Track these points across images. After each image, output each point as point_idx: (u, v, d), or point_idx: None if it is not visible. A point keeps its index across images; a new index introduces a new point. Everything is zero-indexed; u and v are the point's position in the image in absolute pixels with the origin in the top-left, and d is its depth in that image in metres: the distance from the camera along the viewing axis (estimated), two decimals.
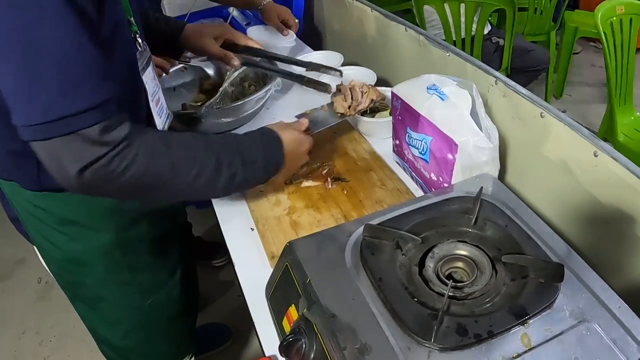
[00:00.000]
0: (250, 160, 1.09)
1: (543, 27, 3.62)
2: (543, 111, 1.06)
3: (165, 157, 0.94)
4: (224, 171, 1.03)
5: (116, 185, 0.89)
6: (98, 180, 0.86)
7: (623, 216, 0.94)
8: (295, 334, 0.81)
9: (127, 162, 0.88)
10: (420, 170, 1.25)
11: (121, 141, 0.87)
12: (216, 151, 1.03)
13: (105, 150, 0.85)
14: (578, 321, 0.74)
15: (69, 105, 0.80)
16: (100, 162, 0.85)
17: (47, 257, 1.26)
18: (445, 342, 0.71)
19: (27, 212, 1.16)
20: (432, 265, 0.85)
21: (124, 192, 0.94)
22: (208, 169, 1.00)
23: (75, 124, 0.81)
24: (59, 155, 0.83)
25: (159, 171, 0.93)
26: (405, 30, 1.59)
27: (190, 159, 0.98)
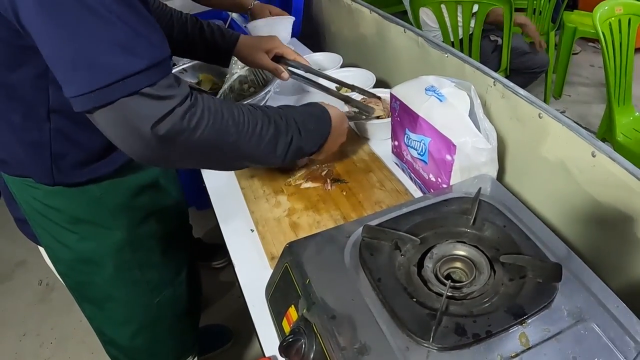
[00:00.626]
0: (304, 127, 1.11)
1: (542, 28, 3.61)
2: (541, 112, 1.06)
3: (229, 116, 0.95)
4: (282, 134, 1.05)
5: (190, 142, 0.88)
6: (173, 136, 0.86)
7: (621, 216, 0.94)
8: (295, 334, 0.81)
9: (197, 117, 0.88)
10: (419, 171, 1.26)
11: (186, 97, 0.87)
12: (273, 115, 1.05)
13: (174, 104, 0.84)
14: (576, 321, 0.74)
15: (132, 63, 0.79)
16: (172, 116, 0.84)
17: (55, 257, 1.26)
18: (444, 342, 0.71)
19: (36, 212, 1.16)
20: (431, 266, 0.85)
21: (196, 151, 0.93)
22: (269, 131, 1.02)
23: (140, 81, 0.80)
24: (128, 117, 0.82)
25: (226, 129, 0.94)
26: (404, 31, 1.59)
27: (251, 119, 0.99)
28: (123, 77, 0.78)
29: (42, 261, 1.35)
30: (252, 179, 1.40)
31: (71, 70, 0.79)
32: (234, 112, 0.96)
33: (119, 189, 1.19)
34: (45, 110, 1.00)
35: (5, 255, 3.01)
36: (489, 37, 3.03)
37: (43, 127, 1.02)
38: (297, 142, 1.09)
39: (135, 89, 0.80)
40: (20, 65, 0.94)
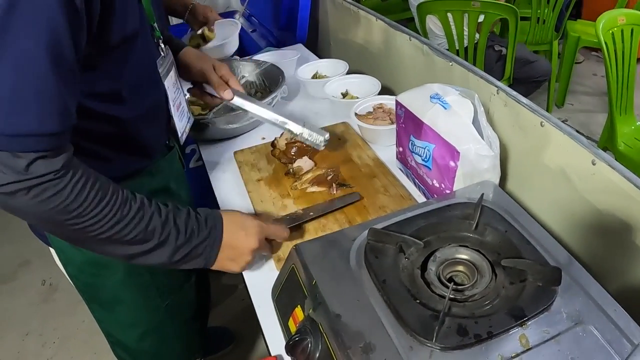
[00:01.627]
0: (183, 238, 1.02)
1: (546, 37, 3.64)
2: (543, 120, 1.08)
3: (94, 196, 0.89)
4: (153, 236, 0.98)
5: (36, 212, 0.85)
6: (17, 199, 0.82)
7: (620, 223, 0.96)
8: (301, 333, 0.83)
9: (52, 192, 0.84)
10: (423, 177, 1.28)
11: (54, 171, 0.83)
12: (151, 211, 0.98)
13: (36, 174, 0.81)
14: (575, 323, 0.76)
15: (22, 124, 0.78)
16: (25, 183, 0.81)
17: (66, 259, 1.25)
18: (446, 342, 0.73)
19: None
20: (434, 269, 0.87)
21: (43, 222, 0.89)
22: (137, 226, 0.96)
23: (19, 144, 0.78)
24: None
25: (83, 211, 0.88)
26: (410, 39, 1.61)
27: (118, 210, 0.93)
28: (18, 134, 0.78)
29: (45, 262, 1.36)
30: (259, 182, 1.42)
31: None
32: (102, 199, 0.90)
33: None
34: None
35: (9, 255, 3.04)
36: (493, 47, 3.06)
37: None
38: (171, 246, 1.01)
39: (17, 149, 0.79)
40: None
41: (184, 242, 1.02)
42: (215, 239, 1.06)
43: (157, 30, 1.18)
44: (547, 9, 3.46)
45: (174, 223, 1.01)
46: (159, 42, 1.19)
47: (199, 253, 1.05)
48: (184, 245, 1.02)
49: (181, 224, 1.02)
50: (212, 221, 1.07)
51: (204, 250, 1.05)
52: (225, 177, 1.50)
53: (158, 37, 1.18)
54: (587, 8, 4.70)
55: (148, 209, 0.98)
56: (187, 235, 1.02)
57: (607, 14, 2.38)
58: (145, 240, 0.97)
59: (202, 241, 1.04)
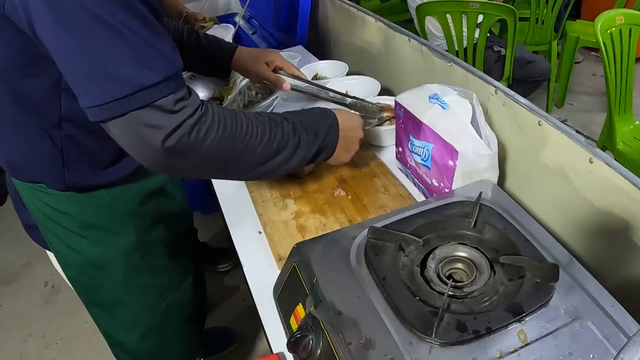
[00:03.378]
0: (312, 131, 1.12)
1: (545, 37, 3.65)
2: (541, 119, 1.09)
3: (237, 125, 0.97)
4: (290, 139, 1.07)
5: (199, 153, 0.92)
6: (182, 148, 0.88)
7: (617, 220, 0.97)
8: (302, 330, 0.84)
9: (205, 129, 0.90)
10: (422, 176, 1.29)
11: (196, 109, 0.90)
12: (280, 121, 1.07)
13: (184, 117, 0.87)
14: (572, 319, 0.77)
15: (145, 77, 0.82)
16: (182, 129, 0.87)
17: (66, 262, 1.27)
18: (446, 338, 0.75)
19: (46, 217, 1.18)
20: (433, 266, 0.89)
21: (206, 162, 0.96)
22: (276, 136, 1.04)
23: (152, 95, 0.83)
24: (139, 128, 0.85)
25: (234, 138, 0.96)
26: (409, 40, 1.62)
27: (259, 127, 1.01)
28: (136, 90, 0.82)
29: (48, 263, 1.37)
30: (260, 183, 1.43)
31: (86, 82, 0.83)
32: (242, 121, 0.98)
33: (129, 195, 1.22)
34: (57, 117, 1.03)
35: (12, 257, 3.04)
36: (492, 47, 3.07)
37: (55, 134, 1.05)
38: (305, 146, 1.10)
39: (147, 102, 0.83)
40: (35, 74, 0.96)
41: (313, 139, 1.12)
42: (335, 133, 1.18)
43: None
44: (546, 9, 3.47)
45: (300, 125, 1.10)
46: None
47: (324, 148, 1.16)
48: (313, 143, 1.12)
49: (305, 123, 1.12)
50: (330, 117, 1.19)
51: (329, 142, 1.16)
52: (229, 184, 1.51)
53: None
54: (587, 8, 4.70)
55: (274, 118, 1.06)
56: (315, 133, 1.13)
57: (605, 14, 2.39)
58: (284, 149, 1.06)
59: (325, 137, 1.15)
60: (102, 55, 0.80)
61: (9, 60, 0.95)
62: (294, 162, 1.10)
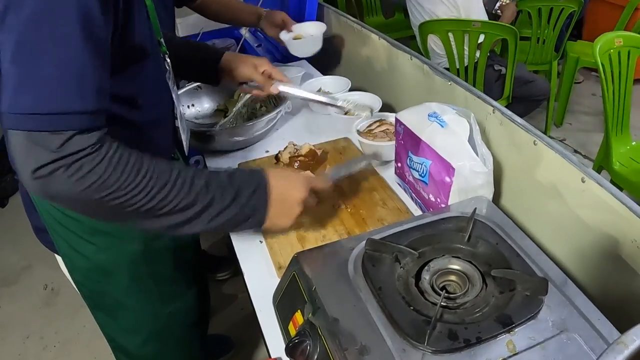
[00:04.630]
0: (229, 197, 1.01)
1: (545, 57, 3.69)
2: (536, 139, 1.13)
3: (132, 173, 0.90)
4: (197, 201, 0.98)
5: (75, 191, 0.86)
6: (55, 181, 0.84)
7: (607, 237, 1.00)
8: (300, 336, 0.87)
9: (90, 167, 0.85)
10: (420, 191, 1.32)
11: (90, 145, 0.85)
12: (189, 179, 0.97)
13: (73, 150, 0.83)
14: (560, 331, 0.81)
15: (60, 103, 0.81)
16: (63, 161, 0.83)
17: (73, 266, 1.28)
18: (438, 346, 0.78)
19: (55, 221, 1.19)
20: (428, 278, 0.92)
21: (83, 202, 0.90)
22: (179, 193, 0.95)
23: (59, 122, 0.81)
24: (28, 149, 0.82)
25: (122, 184, 0.89)
26: (411, 59, 1.66)
27: (159, 179, 0.93)
28: (45, 113, 0.80)
29: (47, 266, 1.39)
30: None
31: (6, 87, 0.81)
32: (139, 169, 0.91)
33: None
34: None
35: (12, 259, 3.06)
36: (493, 66, 3.11)
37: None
38: (218, 208, 1.00)
39: (51, 127, 0.81)
40: None
41: (230, 202, 1.00)
42: (263, 196, 1.05)
43: (163, 45, 1.21)
44: (548, 29, 3.52)
45: (216, 184, 1.00)
46: (165, 57, 1.22)
47: (249, 213, 1.04)
48: (230, 206, 1.00)
49: (224, 183, 1.01)
50: (257, 177, 1.06)
51: (254, 209, 1.04)
52: None
53: (164, 53, 1.21)
54: (588, 29, 4.76)
55: (188, 174, 0.97)
56: (233, 195, 1.01)
57: (604, 36, 2.43)
58: (188, 207, 0.96)
59: (249, 200, 1.03)
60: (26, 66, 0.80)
61: None
62: (205, 224, 1.00)
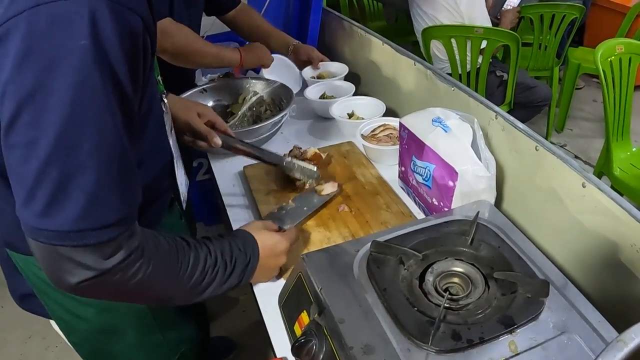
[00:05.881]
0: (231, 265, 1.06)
1: (547, 63, 3.72)
2: (537, 145, 1.14)
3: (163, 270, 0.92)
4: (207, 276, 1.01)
5: (119, 293, 0.88)
6: (98, 288, 0.84)
7: (607, 241, 1.02)
8: (306, 336, 0.90)
9: (133, 270, 0.85)
10: (423, 195, 1.34)
11: (134, 249, 0.84)
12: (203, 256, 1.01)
13: (119, 259, 0.81)
14: (561, 332, 0.83)
15: (104, 215, 0.77)
16: (109, 273, 0.81)
17: (69, 329, 1.19)
18: (441, 346, 0.80)
19: (47, 285, 1.09)
20: (431, 280, 0.94)
21: (124, 299, 0.94)
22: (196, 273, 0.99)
23: (91, 237, 0.77)
24: (62, 261, 0.78)
25: (159, 282, 0.92)
26: (414, 64, 1.68)
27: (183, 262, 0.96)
28: (79, 230, 0.76)
29: None
30: (268, 196, 1.48)
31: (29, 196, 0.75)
32: (167, 268, 0.93)
33: None
34: None
35: None
36: (495, 72, 3.12)
37: None
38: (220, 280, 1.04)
39: (83, 243, 0.77)
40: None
41: (231, 272, 1.05)
42: (253, 265, 1.10)
43: (161, 84, 1.17)
44: (549, 35, 3.54)
45: (222, 259, 1.04)
46: (162, 97, 1.16)
47: (241, 278, 1.08)
48: (231, 276, 1.05)
49: (227, 257, 1.05)
50: (250, 248, 1.11)
51: (244, 275, 1.09)
52: (235, 190, 1.56)
53: (161, 92, 1.16)
54: (589, 35, 4.78)
55: (201, 252, 1.00)
56: (232, 267, 1.06)
57: (605, 42, 2.45)
58: (202, 281, 1.00)
59: (244, 268, 1.08)
60: (54, 177, 0.73)
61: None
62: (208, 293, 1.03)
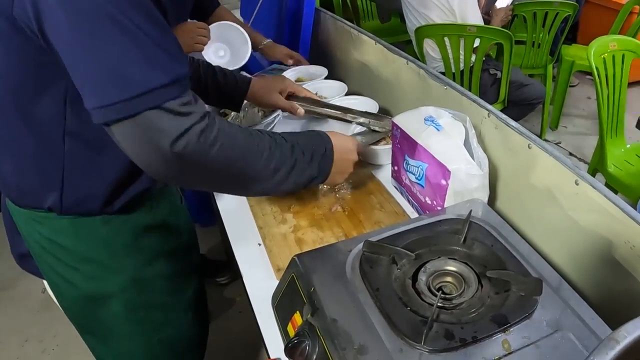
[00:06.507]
0: (309, 153, 1.12)
1: (541, 61, 3.72)
2: (530, 143, 1.14)
3: (240, 138, 0.97)
4: (287, 158, 1.07)
5: (208, 159, 0.91)
6: (189, 152, 0.87)
7: (601, 239, 1.02)
8: (299, 336, 0.89)
9: (212, 137, 0.90)
10: (416, 194, 1.34)
11: (204, 116, 0.89)
12: (279, 140, 1.07)
13: (193, 121, 0.86)
14: (554, 330, 0.82)
15: (156, 77, 0.82)
16: (190, 133, 0.86)
17: (59, 292, 1.24)
18: (434, 345, 0.80)
19: (41, 248, 1.15)
20: (424, 279, 0.93)
21: (209, 170, 0.94)
22: (275, 154, 1.04)
23: (162, 95, 0.82)
24: (147, 131, 0.84)
25: (237, 150, 0.96)
26: (407, 63, 1.68)
27: (260, 143, 1.02)
28: (147, 91, 0.81)
29: None
30: (260, 197, 1.47)
31: (94, 82, 0.81)
32: (245, 134, 0.99)
33: (125, 229, 1.18)
34: (61, 133, 1.00)
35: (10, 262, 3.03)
36: (488, 70, 3.12)
37: (57, 152, 1.02)
38: (300, 168, 1.10)
39: (157, 102, 0.82)
40: (44, 88, 0.95)
41: (310, 159, 1.12)
42: (329, 155, 1.17)
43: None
44: (543, 33, 3.54)
45: (299, 147, 1.10)
46: None
47: (320, 172, 1.16)
48: (311, 163, 1.12)
49: (304, 145, 1.11)
50: (325, 140, 1.18)
51: (323, 165, 1.16)
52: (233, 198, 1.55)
53: None
54: (583, 33, 4.78)
55: (274, 137, 1.07)
56: (311, 155, 1.12)
57: (598, 39, 2.46)
58: (281, 168, 1.06)
59: (322, 157, 1.15)
60: (112, 54, 0.79)
61: (20, 75, 0.94)
62: (289, 184, 1.09)
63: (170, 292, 1.34)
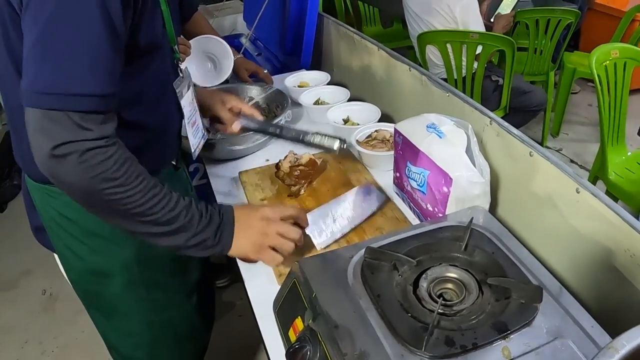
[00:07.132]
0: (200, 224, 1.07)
1: (542, 68, 3.73)
2: (532, 150, 1.15)
3: (134, 175, 0.97)
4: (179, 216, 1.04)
5: (83, 177, 0.91)
6: (68, 163, 0.90)
7: (601, 247, 1.02)
8: (301, 342, 0.89)
9: (102, 158, 0.91)
10: (418, 201, 1.34)
11: (105, 137, 0.92)
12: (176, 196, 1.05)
13: (87, 136, 0.90)
14: (554, 337, 0.83)
15: (76, 84, 0.87)
16: (78, 144, 0.89)
17: (68, 265, 1.30)
18: (435, 351, 0.80)
19: (53, 221, 1.21)
20: (425, 286, 0.94)
21: (86, 190, 0.94)
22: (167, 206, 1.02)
23: (74, 103, 0.88)
24: (46, 127, 0.88)
25: (125, 184, 0.95)
26: (409, 70, 1.69)
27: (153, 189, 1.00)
28: (64, 93, 0.87)
29: (46, 271, 1.38)
30: (262, 202, 1.49)
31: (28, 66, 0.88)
32: (139, 174, 0.98)
33: None
34: None
35: (11, 264, 3.06)
36: (490, 77, 3.13)
37: None
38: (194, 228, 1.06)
39: (69, 107, 0.88)
40: None
41: (205, 226, 1.08)
42: (229, 221, 1.12)
43: (177, 52, 1.25)
44: (545, 40, 3.55)
45: (196, 208, 1.07)
46: (177, 64, 1.26)
47: (217, 240, 1.10)
48: (204, 231, 1.08)
49: (202, 210, 1.08)
50: (225, 208, 1.14)
51: (221, 235, 1.10)
52: (230, 196, 1.57)
53: (177, 59, 1.26)
54: (585, 40, 4.79)
55: (174, 194, 1.05)
56: (207, 221, 1.08)
57: (600, 47, 2.46)
58: (170, 222, 1.03)
59: (218, 226, 1.10)
60: (47, 46, 0.86)
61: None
62: (174, 241, 1.06)
63: (173, 274, 1.38)
